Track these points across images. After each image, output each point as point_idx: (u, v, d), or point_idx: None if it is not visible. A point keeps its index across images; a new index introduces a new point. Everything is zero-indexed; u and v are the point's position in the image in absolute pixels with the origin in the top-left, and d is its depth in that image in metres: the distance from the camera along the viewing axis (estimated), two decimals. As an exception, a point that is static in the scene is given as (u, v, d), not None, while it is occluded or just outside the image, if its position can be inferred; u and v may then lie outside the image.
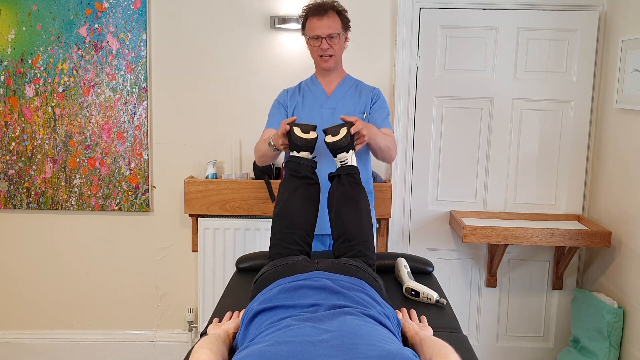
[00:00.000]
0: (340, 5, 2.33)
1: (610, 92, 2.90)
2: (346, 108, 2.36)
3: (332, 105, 2.37)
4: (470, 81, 3.04)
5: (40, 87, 3.05)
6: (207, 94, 3.09)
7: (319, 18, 2.27)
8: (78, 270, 3.25)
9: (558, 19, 2.97)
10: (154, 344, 3.29)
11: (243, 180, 3.02)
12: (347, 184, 2.00)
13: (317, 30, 2.27)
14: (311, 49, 2.35)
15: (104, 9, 2.99)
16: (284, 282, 1.54)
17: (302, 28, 2.36)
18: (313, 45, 2.32)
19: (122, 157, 3.11)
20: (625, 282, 2.72)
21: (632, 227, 2.68)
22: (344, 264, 1.65)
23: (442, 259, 3.20)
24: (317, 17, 2.27)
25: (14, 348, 3.28)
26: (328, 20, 2.27)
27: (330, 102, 2.37)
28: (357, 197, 1.97)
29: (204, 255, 3.08)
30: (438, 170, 3.13)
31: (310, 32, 2.30)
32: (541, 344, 3.24)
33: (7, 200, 3.14)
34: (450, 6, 2.99)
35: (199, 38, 3.05)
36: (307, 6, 2.33)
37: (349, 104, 2.37)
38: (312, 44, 2.32)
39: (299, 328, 1.24)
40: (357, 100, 2.38)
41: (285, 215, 1.99)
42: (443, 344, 1.34)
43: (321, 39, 2.28)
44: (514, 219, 3.08)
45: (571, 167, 3.08)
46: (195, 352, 1.30)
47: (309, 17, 2.30)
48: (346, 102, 2.37)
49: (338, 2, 2.33)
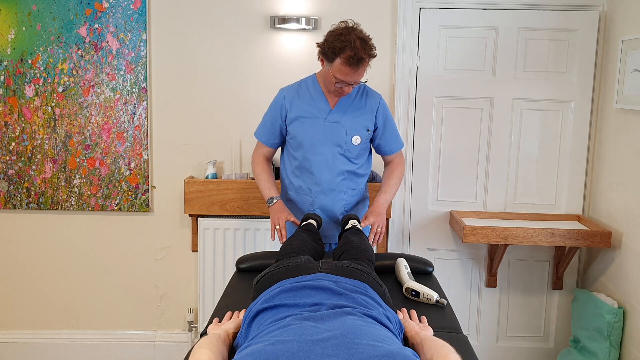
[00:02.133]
0: (375, 49, 2.17)
1: (610, 92, 2.90)
2: (350, 122, 2.35)
3: (335, 119, 2.34)
4: (470, 81, 3.04)
5: (40, 87, 3.05)
6: (207, 94, 3.09)
7: (354, 69, 2.12)
8: (78, 270, 3.25)
9: (558, 19, 2.97)
10: (154, 344, 3.29)
11: (243, 180, 3.02)
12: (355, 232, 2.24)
13: (348, 77, 2.15)
14: (329, 82, 2.22)
15: (104, 9, 2.99)
16: (286, 283, 1.54)
17: (325, 56, 2.17)
18: (333, 82, 2.19)
19: (122, 157, 3.11)
20: (625, 282, 2.72)
21: (632, 227, 2.68)
22: (347, 267, 1.65)
23: (442, 259, 3.20)
24: (353, 67, 2.12)
25: (13, 348, 3.28)
26: (362, 70, 2.15)
27: (334, 115, 2.34)
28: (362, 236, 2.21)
29: (204, 255, 3.08)
30: (438, 170, 3.13)
31: (338, 74, 2.16)
32: (541, 344, 3.24)
33: (7, 200, 3.14)
34: (450, 6, 2.99)
35: (199, 38, 3.05)
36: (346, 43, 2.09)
37: (353, 117, 2.35)
38: (333, 80, 2.19)
39: (299, 327, 1.24)
40: (361, 112, 2.35)
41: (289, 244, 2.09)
42: (443, 344, 1.34)
43: (347, 84, 2.20)
44: (514, 219, 3.08)
45: (571, 167, 3.08)
46: (195, 352, 1.30)
47: (345, 63, 2.11)
48: (351, 115, 2.35)
49: (374, 47, 2.16)
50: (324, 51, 2.17)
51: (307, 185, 2.41)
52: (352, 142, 2.36)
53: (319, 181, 2.39)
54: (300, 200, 2.45)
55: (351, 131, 2.35)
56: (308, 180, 2.40)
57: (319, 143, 2.34)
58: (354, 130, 2.35)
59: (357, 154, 2.39)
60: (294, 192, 2.46)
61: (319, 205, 2.42)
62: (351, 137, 2.35)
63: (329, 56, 2.15)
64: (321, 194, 2.41)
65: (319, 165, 2.36)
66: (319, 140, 2.34)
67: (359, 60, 2.10)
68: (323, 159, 2.36)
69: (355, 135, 2.35)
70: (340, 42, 2.10)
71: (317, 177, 2.38)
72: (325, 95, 2.35)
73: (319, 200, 2.42)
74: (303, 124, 2.34)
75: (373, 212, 2.37)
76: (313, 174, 2.39)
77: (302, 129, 2.34)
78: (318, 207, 2.43)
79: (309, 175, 2.39)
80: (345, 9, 3.00)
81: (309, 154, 2.36)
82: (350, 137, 2.35)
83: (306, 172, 2.40)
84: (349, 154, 2.38)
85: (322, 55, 2.19)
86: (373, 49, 2.15)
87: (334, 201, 2.42)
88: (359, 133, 2.36)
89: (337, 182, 2.40)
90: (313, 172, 2.38)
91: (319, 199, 2.41)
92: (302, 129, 2.34)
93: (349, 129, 2.35)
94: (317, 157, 2.36)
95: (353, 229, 2.24)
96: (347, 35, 2.11)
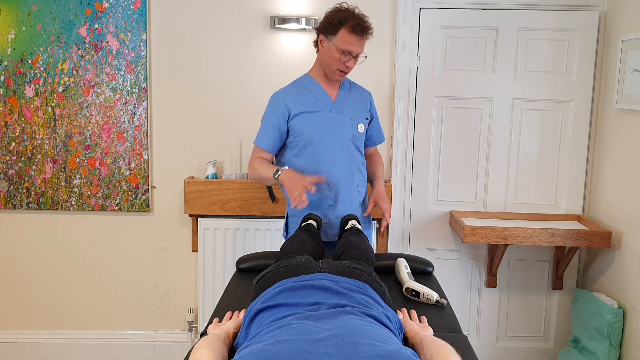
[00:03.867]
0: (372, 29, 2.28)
1: (610, 92, 2.90)
2: (353, 111, 2.39)
3: (339, 110, 2.37)
4: (470, 81, 3.04)
5: (40, 87, 3.05)
6: (207, 94, 3.09)
7: (359, 37, 2.21)
8: (78, 270, 3.25)
9: (558, 19, 2.97)
10: (154, 344, 3.29)
11: (243, 180, 3.02)
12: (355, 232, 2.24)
13: (353, 47, 2.21)
14: (332, 59, 2.25)
15: (104, 9, 2.99)
16: (286, 282, 1.54)
17: (328, 31, 2.23)
18: (338, 57, 2.23)
19: (122, 157, 3.11)
20: (625, 282, 2.72)
21: (632, 227, 2.68)
22: (347, 267, 1.65)
23: (442, 259, 3.20)
24: (358, 35, 2.20)
25: (14, 348, 3.28)
26: (364, 41, 2.24)
27: (338, 106, 2.37)
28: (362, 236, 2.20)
29: (204, 255, 3.08)
30: (438, 170, 3.13)
31: (343, 45, 2.21)
32: (541, 344, 3.24)
33: (7, 201, 3.14)
34: (450, 6, 2.99)
35: (199, 38, 3.05)
36: (348, 14, 2.21)
37: (354, 107, 2.40)
38: (338, 56, 2.23)
39: (299, 326, 1.24)
40: (360, 102, 2.43)
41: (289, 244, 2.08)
42: (443, 344, 1.34)
43: (352, 56, 2.24)
44: (514, 219, 3.08)
45: (571, 167, 3.08)
46: (195, 352, 1.30)
47: (350, 30, 2.19)
48: (351, 105, 2.40)
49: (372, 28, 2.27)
50: (325, 26, 2.23)
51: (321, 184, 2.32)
52: (358, 129, 2.39)
53: (333, 175, 2.33)
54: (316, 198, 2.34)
55: (355, 119, 2.39)
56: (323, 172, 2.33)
57: (329, 136, 2.32)
58: (357, 118, 2.40)
59: (361, 142, 2.43)
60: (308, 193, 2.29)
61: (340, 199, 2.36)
62: (357, 125, 2.39)
63: (333, 28, 2.21)
64: (339, 187, 2.35)
65: (332, 158, 2.33)
66: (329, 132, 2.32)
67: (362, 29, 2.19)
68: (334, 151, 2.33)
69: (360, 122, 2.40)
70: (342, 14, 2.21)
71: (332, 171, 2.33)
72: (325, 89, 2.36)
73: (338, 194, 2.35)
74: (309, 118, 2.32)
75: (380, 196, 2.43)
76: (327, 169, 2.32)
77: (308, 124, 2.31)
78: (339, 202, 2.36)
79: (322, 172, 2.32)
80: (345, 9, 3.00)
81: (320, 148, 2.32)
82: (355, 125, 2.39)
83: (317, 171, 2.31)
84: (357, 142, 2.40)
85: (324, 32, 2.25)
86: (371, 27, 2.24)
87: (351, 192, 2.40)
88: (362, 121, 2.41)
89: (351, 173, 2.39)
90: (327, 167, 2.32)
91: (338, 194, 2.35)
92: (309, 124, 2.31)
93: (353, 118, 2.38)
94: (328, 150, 2.32)
95: (353, 229, 2.24)
96: (347, 10, 2.22)
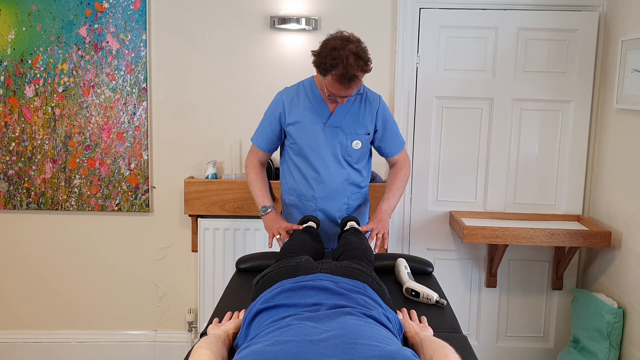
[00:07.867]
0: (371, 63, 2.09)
1: (610, 92, 2.90)
2: (350, 127, 2.32)
3: (335, 124, 2.31)
4: (470, 81, 3.04)
5: (40, 87, 3.05)
6: (207, 94, 3.09)
7: (345, 86, 2.09)
8: (78, 270, 3.25)
9: (558, 19, 2.97)
10: (153, 344, 3.29)
11: (243, 180, 3.02)
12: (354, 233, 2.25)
13: (341, 92, 2.13)
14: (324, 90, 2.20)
15: (104, 9, 2.99)
16: (286, 283, 1.54)
17: (319, 68, 2.11)
18: (327, 92, 2.17)
19: (122, 158, 3.11)
20: (625, 282, 2.72)
21: (632, 227, 2.68)
22: (347, 267, 1.65)
23: (442, 259, 3.20)
24: (345, 84, 2.08)
25: (14, 348, 3.28)
26: (354, 85, 2.10)
27: (334, 120, 2.31)
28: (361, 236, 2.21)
29: (203, 256, 3.08)
30: (438, 170, 3.13)
31: (331, 88, 2.13)
32: (541, 344, 3.24)
33: (7, 201, 3.14)
34: (450, 6, 2.99)
35: (199, 38, 3.05)
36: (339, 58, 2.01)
37: (352, 122, 2.32)
38: (327, 91, 2.16)
39: (299, 327, 1.24)
40: (361, 115, 2.32)
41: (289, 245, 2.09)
42: (443, 344, 1.34)
43: (340, 97, 2.17)
44: (514, 219, 3.08)
45: (571, 167, 3.08)
46: (195, 352, 1.30)
47: (336, 79, 2.06)
48: (350, 120, 2.32)
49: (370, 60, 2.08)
50: (317, 62, 2.11)
51: (309, 191, 2.37)
52: (353, 146, 2.33)
53: (322, 187, 2.35)
54: (303, 205, 2.41)
55: (352, 136, 2.32)
56: (310, 186, 2.37)
57: (320, 148, 2.31)
58: (354, 134, 2.32)
59: (357, 158, 2.37)
60: (296, 198, 2.42)
61: (321, 208, 2.40)
62: (352, 142, 2.32)
63: (322, 69, 2.09)
64: (325, 199, 2.37)
65: (321, 170, 2.34)
66: (320, 145, 2.31)
67: (350, 79, 2.04)
68: (325, 164, 2.33)
69: (356, 139, 2.32)
70: (332, 58, 2.03)
71: (320, 183, 2.35)
72: (325, 100, 2.30)
73: (321, 205, 2.39)
74: (303, 129, 2.31)
75: (374, 219, 2.33)
76: (316, 180, 2.35)
77: (301, 134, 2.31)
78: (320, 210, 2.40)
79: (312, 181, 2.36)
80: (345, 9, 3.00)
81: (311, 159, 2.33)
82: (350, 142, 2.32)
83: (308, 178, 2.36)
84: (350, 159, 2.35)
85: (316, 65, 2.14)
86: (368, 64, 2.07)
87: (337, 205, 2.40)
88: (360, 138, 2.33)
89: (340, 187, 2.37)
90: (316, 178, 2.35)
91: (322, 204, 2.38)
92: (302, 134, 2.31)
93: (349, 134, 2.32)
94: (319, 162, 2.33)
95: (352, 230, 2.24)
96: (340, 50, 2.02)
